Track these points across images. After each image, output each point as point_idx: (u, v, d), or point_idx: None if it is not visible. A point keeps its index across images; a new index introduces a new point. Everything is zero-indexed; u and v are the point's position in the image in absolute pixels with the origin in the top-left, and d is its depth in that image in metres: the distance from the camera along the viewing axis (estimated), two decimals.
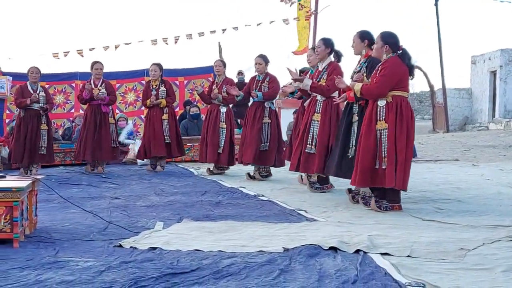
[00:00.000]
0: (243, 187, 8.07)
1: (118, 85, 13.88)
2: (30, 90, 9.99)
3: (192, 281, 3.65)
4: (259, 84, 9.21)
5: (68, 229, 5.39)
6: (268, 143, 9.07)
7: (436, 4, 26.14)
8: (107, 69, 11.48)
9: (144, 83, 13.17)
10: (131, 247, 4.59)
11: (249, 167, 9.61)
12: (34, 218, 5.31)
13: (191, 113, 12.85)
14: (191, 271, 3.85)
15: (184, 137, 12.41)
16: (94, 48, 15.57)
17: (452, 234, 4.94)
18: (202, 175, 9.74)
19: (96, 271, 3.83)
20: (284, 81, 9.74)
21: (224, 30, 16.38)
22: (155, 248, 4.53)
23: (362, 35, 6.76)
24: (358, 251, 4.29)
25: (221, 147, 9.76)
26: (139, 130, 13.40)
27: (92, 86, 10.30)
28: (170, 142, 10.44)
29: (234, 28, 16.62)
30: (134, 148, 11.83)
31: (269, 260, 4.11)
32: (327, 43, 7.66)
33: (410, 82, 6.24)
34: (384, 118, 6.05)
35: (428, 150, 14.50)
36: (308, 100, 7.87)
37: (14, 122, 11.11)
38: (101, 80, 10.46)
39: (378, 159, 6.04)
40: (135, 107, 14.18)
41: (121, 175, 9.89)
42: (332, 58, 7.68)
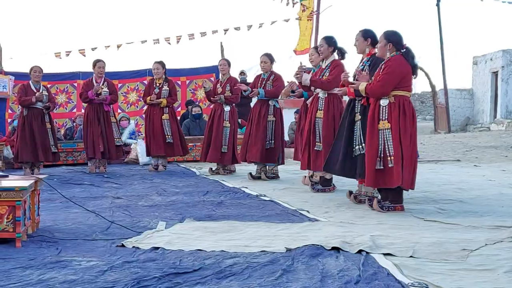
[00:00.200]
0: (245, 187, 8.07)
1: (120, 85, 13.88)
2: (33, 89, 9.98)
3: (195, 281, 3.65)
4: (264, 82, 9.20)
5: (70, 228, 5.40)
6: (273, 141, 9.08)
7: (438, 5, 26.10)
8: (109, 68, 11.47)
9: (146, 83, 13.19)
10: (133, 247, 4.60)
11: (251, 167, 9.61)
12: (37, 218, 5.32)
13: (193, 113, 12.84)
14: (194, 271, 3.85)
15: (186, 137, 12.43)
16: (96, 48, 15.59)
17: (454, 235, 4.94)
18: (204, 175, 9.75)
19: (98, 271, 3.84)
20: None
21: (226, 30, 16.38)
22: (157, 248, 4.53)
23: (366, 34, 6.74)
24: (360, 252, 4.29)
25: (225, 146, 9.77)
26: (141, 130, 13.40)
27: (100, 86, 10.28)
28: (172, 141, 10.42)
29: (236, 28, 16.62)
30: (136, 148, 11.84)
31: (271, 260, 4.12)
32: (330, 42, 7.65)
33: (412, 81, 6.24)
34: (386, 118, 6.04)
35: (430, 151, 14.49)
36: (311, 98, 7.86)
37: (16, 122, 11.12)
38: (103, 79, 10.44)
39: (383, 159, 6.03)
40: (137, 107, 14.18)
41: (123, 175, 9.90)
42: (335, 55, 7.67)
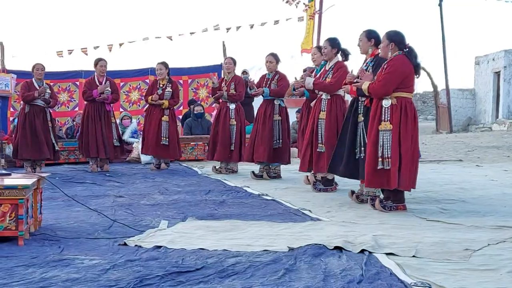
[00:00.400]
0: (247, 186, 8.06)
1: (122, 83, 13.89)
2: (36, 87, 9.97)
3: (197, 279, 3.65)
4: (269, 82, 9.19)
5: (72, 227, 5.40)
6: (281, 140, 9.07)
7: (440, 5, 26.11)
8: (111, 67, 11.48)
9: (148, 82, 13.19)
10: (136, 245, 4.59)
11: (252, 166, 9.61)
12: (39, 216, 5.32)
13: (195, 112, 12.85)
14: (196, 270, 3.85)
15: (188, 136, 12.43)
16: (98, 47, 15.56)
17: (457, 235, 4.93)
18: (206, 174, 9.74)
19: (101, 269, 3.84)
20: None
21: (228, 29, 16.37)
22: (160, 246, 4.53)
23: (369, 34, 6.73)
24: (363, 251, 4.29)
25: (233, 144, 9.77)
26: (142, 129, 13.40)
27: (104, 83, 10.26)
28: (167, 144, 10.35)
29: (238, 27, 16.61)
30: (138, 146, 11.84)
31: (274, 259, 4.11)
32: (333, 43, 7.62)
33: (414, 81, 6.23)
34: (389, 119, 6.04)
35: (432, 151, 14.48)
36: (315, 101, 7.86)
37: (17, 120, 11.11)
38: (105, 77, 10.43)
39: (381, 159, 6.04)
40: (139, 105, 14.19)
41: (125, 174, 9.90)
42: (339, 57, 7.66)
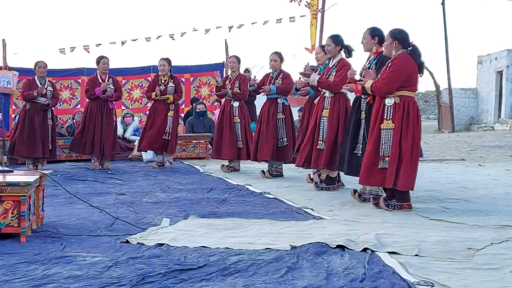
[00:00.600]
0: (249, 185, 8.06)
1: (124, 81, 13.89)
2: (38, 84, 9.97)
3: (200, 277, 3.65)
4: (273, 80, 9.18)
5: (74, 224, 5.40)
6: (286, 139, 9.06)
7: (443, 4, 26.06)
8: (113, 65, 11.47)
9: (150, 80, 13.17)
10: (138, 243, 4.59)
11: (262, 165, 9.62)
12: (41, 213, 5.32)
13: (197, 110, 12.85)
14: (199, 267, 3.85)
15: (190, 134, 12.43)
16: (100, 44, 15.57)
17: (460, 234, 4.92)
18: (208, 172, 9.74)
19: (103, 267, 3.83)
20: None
21: (230, 28, 16.36)
22: (162, 244, 4.53)
23: (373, 32, 6.71)
24: (365, 250, 4.28)
25: (239, 142, 9.75)
26: None
27: (106, 81, 10.25)
28: (169, 139, 10.32)
29: (240, 25, 16.60)
30: None
31: (276, 257, 4.11)
32: (337, 41, 7.60)
33: (418, 80, 6.21)
34: (391, 118, 6.03)
35: (434, 150, 14.45)
36: (318, 98, 7.84)
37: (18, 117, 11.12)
38: (107, 75, 10.42)
39: (380, 158, 6.03)
40: (141, 103, 14.19)
41: (126, 171, 9.89)
42: (342, 54, 7.64)
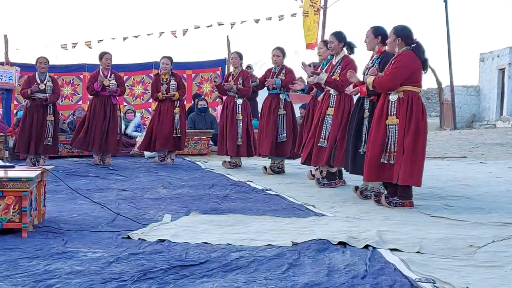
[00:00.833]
0: (251, 181, 8.05)
1: (126, 77, 13.84)
2: (38, 80, 9.99)
3: (201, 273, 3.65)
4: (275, 76, 9.17)
5: (76, 220, 5.40)
6: (285, 134, 9.06)
7: (445, 1, 26.01)
8: (115, 61, 11.45)
9: (152, 76, 13.16)
10: (139, 239, 4.59)
11: (264, 161, 9.61)
12: (43, 209, 5.32)
13: (199, 106, 12.84)
14: (200, 263, 3.85)
15: (192, 130, 12.42)
16: (102, 40, 15.55)
17: (462, 231, 4.92)
18: (210, 169, 9.74)
19: (104, 262, 3.84)
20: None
21: (232, 24, 16.32)
22: (163, 240, 4.53)
23: (376, 31, 6.67)
24: (367, 247, 4.28)
25: (239, 139, 9.76)
26: (146, 123, 13.39)
27: (107, 78, 10.24)
28: (180, 136, 10.39)
29: (243, 22, 16.57)
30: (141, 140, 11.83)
31: (277, 254, 4.11)
32: (340, 38, 7.58)
33: (422, 77, 6.20)
34: (395, 113, 6.02)
35: (436, 147, 14.44)
36: (322, 95, 7.83)
37: (20, 113, 11.14)
38: (109, 71, 10.42)
39: (387, 154, 6.02)
40: (142, 99, 14.18)
41: (128, 168, 9.89)
42: (345, 51, 7.63)
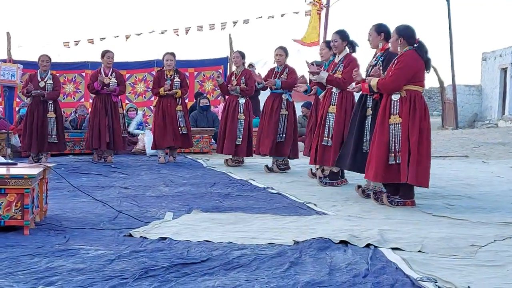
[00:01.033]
0: (252, 180, 8.05)
1: (128, 75, 13.86)
2: (39, 78, 10.02)
3: (203, 271, 3.65)
4: (278, 75, 9.18)
5: (78, 217, 5.41)
6: (284, 135, 9.07)
7: (447, 0, 25.98)
8: (117, 59, 11.45)
9: (154, 74, 13.15)
10: (141, 236, 4.60)
11: (266, 160, 9.61)
12: (45, 206, 5.33)
13: (201, 104, 12.83)
14: (201, 261, 3.85)
15: (194, 128, 12.42)
16: (104, 38, 15.55)
17: (463, 230, 4.92)
18: (211, 167, 9.74)
19: (106, 260, 3.84)
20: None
21: (235, 23, 16.31)
22: (165, 238, 4.54)
23: (378, 28, 6.67)
24: (368, 246, 4.28)
25: (239, 138, 9.75)
26: (148, 121, 13.40)
27: (108, 77, 10.24)
28: (186, 133, 10.33)
29: (245, 20, 16.56)
30: (143, 138, 11.84)
31: (279, 252, 4.11)
32: (344, 36, 7.57)
33: (425, 76, 6.19)
34: (398, 112, 6.01)
35: (438, 146, 14.42)
36: (323, 93, 7.83)
37: (23, 110, 11.18)
38: (111, 69, 10.42)
39: (393, 154, 6.01)
40: (144, 97, 14.18)
41: (130, 165, 9.89)
42: (347, 49, 7.63)
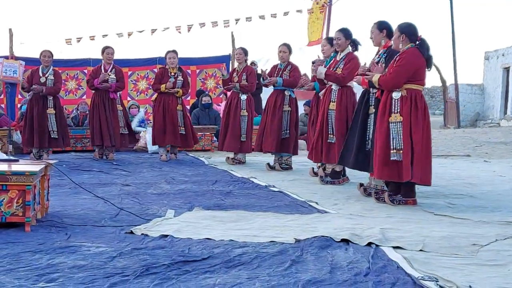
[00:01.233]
0: (254, 178, 8.05)
1: (130, 72, 13.88)
2: (40, 74, 10.04)
3: (204, 269, 3.65)
4: (281, 72, 9.17)
5: (79, 214, 5.41)
6: (288, 131, 9.07)
7: None
8: (119, 56, 11.46)
9: (156, 71, 13.14)
10: (142, 234, 4.60)
11: (267, 158, 9.61)
12: (46, 203, 5.33)
13: (203, 102, 12.83)
14: (203, 259, 3.85)
15: (195, 126, 12.40)
16: (107, 35, 15.53)
17: (465, 230, 4.91)
18: (213, 165, 9.74)
19: (108, 257, 3.84)
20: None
21: (237, 20, 16.28)
22: (166, 235, 4.53)
23: (380, 25, 6.66)
24: (370, 244, 4.28)
25: (243, 135, 9.74)
26: (150, 118, 13.40)
27: (104, 72, 10.25)
28: (185, 133, 10.28)
29: (247, 18, 16.52)
30: (145, 136, 11.83)
31: (280, 250, 4.11)
32: (347, 35, 7.57)
33: (426, 74, 6.18)
34: (399, 111, 6.00)
35: (439, 145, 14.41)
36: (324, 90, 7.82)
37: (24, 107, 11.19)
38: (111, 65, 10.41)
39: (395, 151, 5.99)
40: (146, 95, 14.18)
41: (132, 163, 9.90)
42: (349, 47, 7.62)
